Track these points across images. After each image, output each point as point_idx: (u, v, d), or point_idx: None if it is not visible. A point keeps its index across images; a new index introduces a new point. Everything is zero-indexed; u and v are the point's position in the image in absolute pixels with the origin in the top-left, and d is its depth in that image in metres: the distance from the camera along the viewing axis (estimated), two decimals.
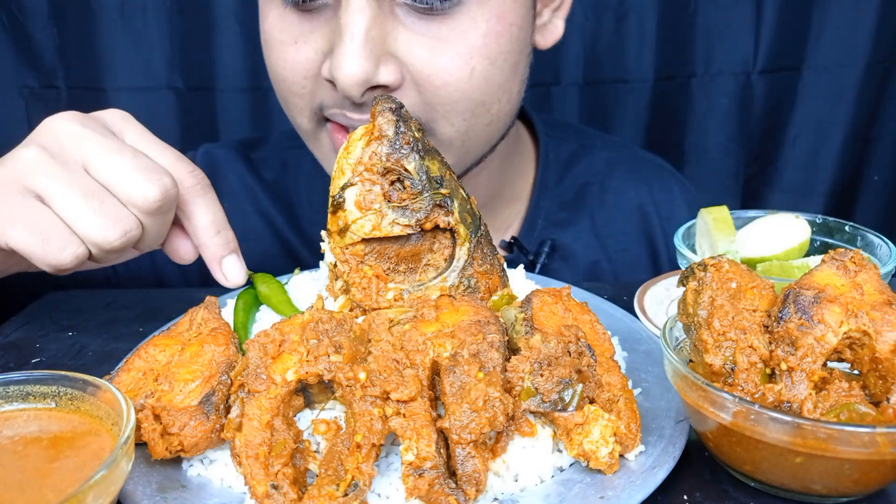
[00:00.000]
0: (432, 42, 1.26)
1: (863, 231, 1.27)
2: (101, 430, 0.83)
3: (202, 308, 1.09)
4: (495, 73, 1.32)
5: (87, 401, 0.86)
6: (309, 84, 1.34)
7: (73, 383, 0.86)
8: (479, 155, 1.47)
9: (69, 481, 0.76)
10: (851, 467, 0.80)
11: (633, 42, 2.62)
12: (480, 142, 1.42)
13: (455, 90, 1.28)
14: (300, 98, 1.37)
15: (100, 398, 0.85)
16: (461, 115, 1.32)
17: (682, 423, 0.96)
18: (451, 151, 1.37)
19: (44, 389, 0.88)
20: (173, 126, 2.71)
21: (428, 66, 1.26)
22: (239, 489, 0.88)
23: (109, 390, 0.83)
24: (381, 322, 0.97)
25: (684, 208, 1.83)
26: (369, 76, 1.22)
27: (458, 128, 1.34)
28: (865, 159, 2.83)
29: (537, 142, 1.83)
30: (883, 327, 0.87)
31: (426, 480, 0.81)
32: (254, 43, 2.60)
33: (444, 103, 1.30)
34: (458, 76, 1.27)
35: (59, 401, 0.87)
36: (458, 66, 1.27)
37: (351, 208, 1.05)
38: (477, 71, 1.28)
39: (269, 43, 1.37)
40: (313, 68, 1.31)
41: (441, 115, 1.32)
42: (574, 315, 1.03)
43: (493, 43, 1.29)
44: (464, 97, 1.30)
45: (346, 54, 1.20)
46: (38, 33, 2.59)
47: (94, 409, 0.85)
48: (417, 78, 1.27)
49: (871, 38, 2.63)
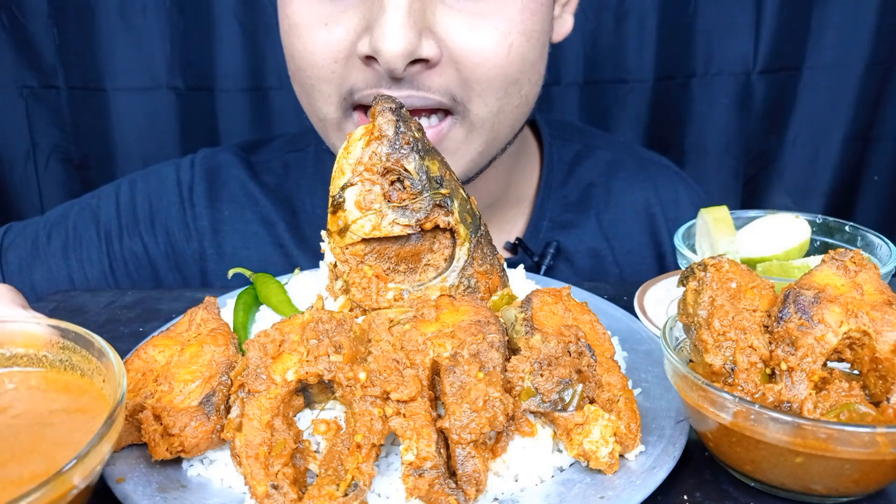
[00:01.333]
0: (471, 18, 1.28)
1: (863, 231, 1.27)
2: (91, 389, 0.85)
3: (201, 308, 1.09)
4: (530, 51, 1.35)
5: (78, 353, 0.87)
6: (339, 67, 1.33)
7: (66, 334, 0.88)
8: (504, 142, 1.48)
9: (63, 446, 0.77)
10: (851, 467, 0.80)
11: (633, 42, 2.63)
12: (508, 124, 1.44)
13: (494, 66, 1.30)
14: (328, 83, 1.36)
15: (92, 352, 0.86)
16: (496, 93, 1.34)
17: (682, 423, 0.96)
18: (481, 134, 1.39)
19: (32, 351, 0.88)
20: (173, 126, 2.71)
21: (467, 41, 1.28)
22: (239, 489, 0.88)
23: (102, 347, 0.85)
24: (381, 322, 0.97)
25: (690, 208, 1.82)
26: (413, 48, 1.23)
27: (491, 107, 1.36)
28: (865, 159, 2.84)
29: (541, 143, 1.82)
30: (883, 327, 0.87)
31: (426, 480, 0.81)
32: (254, 43, 2.62)
33: (482, 80, 1.32)
34: (497, 51, 1.30)
35: (52, 350, 0.88)
36: (497, 41, 1.29)
37: (351, 208, 1.05)
38: (514, 47, 1.31)
39: (296, 27, 1.35)
40: (345, 49, 1.31)
41: (477, 93, 1.33)
42: (574, 315, 1.03)
43: (528, 19, 1.32)
44: (501, 73, 1.32)
45: (390, 26, 1.20)
46: (38, 33, 2.59)
47: (84, 362, 0.86)
48: (456, 54, 1.29)
49: (871, 38, 2.63)
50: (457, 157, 1.41)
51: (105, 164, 2.76)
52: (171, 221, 1.75)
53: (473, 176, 1.48)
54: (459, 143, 1.39)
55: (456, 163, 1.41)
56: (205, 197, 1.76)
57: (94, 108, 2.68)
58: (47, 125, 2.74)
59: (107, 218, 1.72)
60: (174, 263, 1.77)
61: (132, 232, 1.74)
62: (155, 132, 2.70)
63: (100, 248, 1.72)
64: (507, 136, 1.48)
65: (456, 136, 1.38)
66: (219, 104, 2.69)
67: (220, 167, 1.80)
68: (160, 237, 1.75)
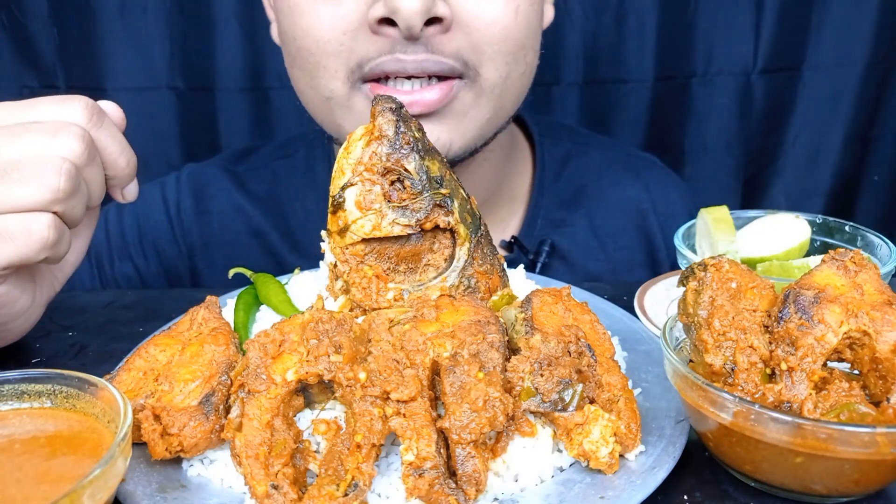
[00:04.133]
0: None
1: (863, 231, 1.27)
2: (98, 428, 0.83)
3: (202, 308, 1.09)
4: (533, 16, 1.42)
5: (83, 399, 0.86)
6: (348, 39, 1.34)
7: (69, 381, 0.86)
8: (509, 112, 1.52)
9: (66, 479, 0.76)
10: (851, 467, 0.80)
11: (633, 42, 2.62)
12: (514, 92, 1.47)
13: (503, 28, 1.36)
14: (336, 57, 1.36)
15: (97, 396, 0.84)
16: (504, 56, 1.39)
17: (682, 423, 0.96)
18: (490, 99, 1.42)
19: (39, 388, 0.87)
20: (173, 126, 2.71)
21: (477, 5, 1.33)
22: (239, 489, 0.88)
23: (106, 388, 0.83)
24: (381, 322, 0.97)
25: (680, 205, 1.83)
26: (430, 5, 1.26)
27: (501, 72, 1.40)
28: (865, 159, 2.83)
29: (531, 142, 1.83)
30: (883, 327, 0.87)
31: (426, 480, 0.81)
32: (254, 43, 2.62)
33: (492, 42, 1.36)
34: (506, 13, 1.35)
35: (55, 399, 0.87)
36: (504, 1, 1.35)
37: (351, 208, 1.05)
38: (521, 10, 1.37)
39: (299, 7, 1.37)
40: (355, 21, 1.32)
41: (488, 56, 1.37)
42: (574, 315, 1.03)
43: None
44: (509, 36, 1.37)
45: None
46: (38, 33, 2.59)
47: (90, 406, 0.85)
48: (466, 18, 1.33)
49: (871, 38, 2.63)
50: (466, 121, 1.43)
51: None
52: (161, 240, 1.77)
53: (480, 147, 1.49)
54: (469, 106, 1.42)
55: (464, 127, 1.43)
56: (192, 213, 1.78)
57: None
58: None
59: (96, 243, 1.73)
60: (166, 282, 1.79)
61: (122, 255, 1.76)
62: (155, 132, 2.70)
63: (91, 273, 1.75)
64: (512, 106, 1.51)
65: (465, 98, 1.41)
66: (219, 104, 2.68)
67: (206, 182, 1.81)
68: (150, 257, 1.77)
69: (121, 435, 0.75)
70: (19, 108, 1.05)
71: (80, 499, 0.69)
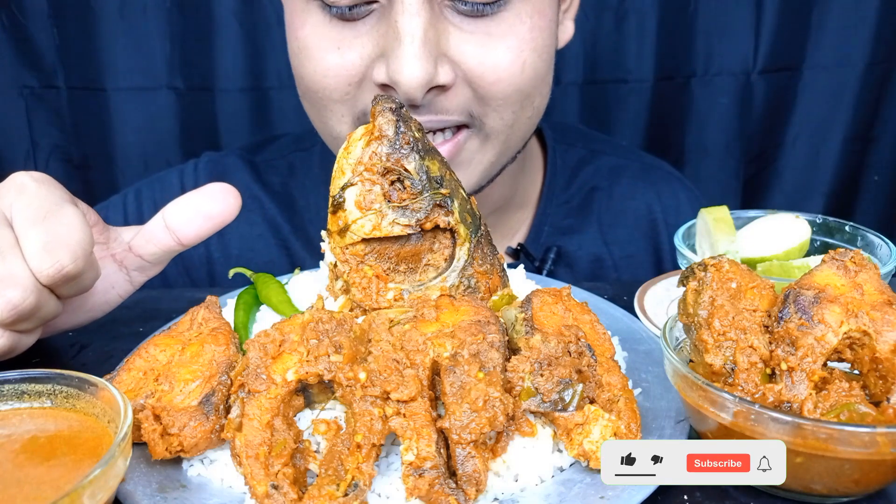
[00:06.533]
0: (483, 39, 1.30)
1: (863, 231, 1.27)
2: (97, 429, 0.83)
3: (203, 308, 1.09)
4: (541, 65, 1.37)
5: (83, 399, 0.86)
6: (353, 90, 1.34)
7: (69, 381, 0.86)
8: (515, 151, 1.50)
9: (66, 479, 0.76)
10: (852, 467, 0.80)
11: (633, 42, 2.62)
12: (520, 135, 1.46)
13: (508, 84, 1.33)
14: (341, 104, 1.37)
15: (97, 396, 0.84)
16: (511, 107, 1.37)
17: (682, 423, 0.96)
18: (495, 145, 1.41)
19: (39, 388, 0.87)
20: (173, 126, 2.71)
21: (482, 62, 1.30)
22: (239, 489, 0.88)
23: (106, 388, 0.83)
24: (381, 322, 0.97)
25: (691, 215, 1.82)
26: (430, 77, 1.24)
27: (507, 120, 1.38)
28: (865, 159, 2.83)
29: (544, 148, 1.83)
30: (883, 327, 0.87)
31: (426, 480, 0.81)
32: (254, 43, 2.62)
33: (497, 97, 1.34)
34: (511, 70, 1.32)
35: (55, 399, 0.87)
36: (510, 59, 1.31)
37: (351, 208, 1.05)
38: (528, 63, 1.33)
39: (307, 51, 1.36)
40: (358, 73, 1.32)
41: (493, 108, 1.35)
42: (574, 315, 1.03)
43: (538, 36, 1.34)
44: (516, 90, 1.34)
45: (407, 57, 1.22)
46: (38, 33, 2.59)
47: (90, 407, 0.85)
48: (471, 75, 1.31)
49: (871, 38, 2.63)
50: (470, 168, 1.42)
51: (105, 164, 2.76)
52: None
53: (485, 185, 1.49)
54: (474, 153, 1.41)
55: (469, 173, 1.42)
56: None
57: (94, 108, 2.68)
58: (47, 125, 2.74)
59: None
60: (182, 268, 1.78)
61: None
62: (155, 132, 2.70)
63: None
64: (518, 145, 1.49)
65: (471, 146, 1.40)
66: (219, 104, 2.68)
67: (224, 170, 1.81)
68: None
69: (121, 435, 0.75)
70: None
71: (80, 499, 0.69)
